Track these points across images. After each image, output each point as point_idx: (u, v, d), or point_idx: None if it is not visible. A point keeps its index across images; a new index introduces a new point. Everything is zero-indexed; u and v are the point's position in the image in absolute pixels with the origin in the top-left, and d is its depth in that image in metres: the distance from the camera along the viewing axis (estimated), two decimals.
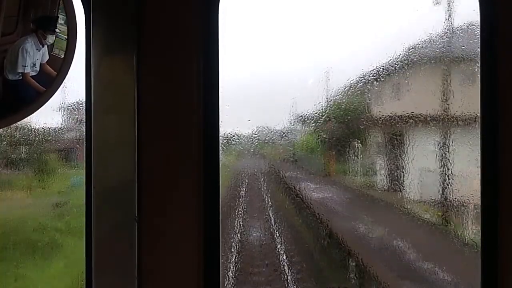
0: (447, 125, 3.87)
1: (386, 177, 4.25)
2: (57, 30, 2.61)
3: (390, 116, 4.11)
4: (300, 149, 4.42)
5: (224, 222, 4.03)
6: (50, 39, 2.62)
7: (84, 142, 2.70)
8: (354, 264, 4.30)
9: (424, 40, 3.80)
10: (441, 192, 3.91)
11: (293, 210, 4.57)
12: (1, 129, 3.38)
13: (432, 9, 3.84)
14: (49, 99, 2.65)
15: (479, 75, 2.84)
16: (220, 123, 2.78)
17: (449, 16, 3.74)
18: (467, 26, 3.50)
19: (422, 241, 4.46)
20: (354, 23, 3.74)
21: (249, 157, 3.96)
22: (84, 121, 2.71)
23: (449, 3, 3.76)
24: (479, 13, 2.83)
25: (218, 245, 2.76)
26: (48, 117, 3.43)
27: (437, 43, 3.78)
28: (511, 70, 2.72)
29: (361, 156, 4.32)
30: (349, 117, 4.15)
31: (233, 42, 3.14)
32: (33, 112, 2.64)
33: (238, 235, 4.41)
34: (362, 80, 3.89)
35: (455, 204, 3.85)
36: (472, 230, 3.68)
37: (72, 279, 3.81)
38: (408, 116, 3.94)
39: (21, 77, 2.60)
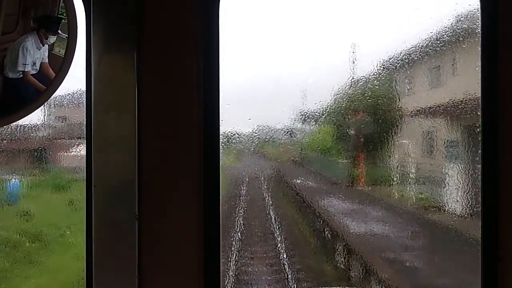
0: None
1: (466, 194, 2.88)
2: (58, 30, 2.61)
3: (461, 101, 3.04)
4: (312, 150, 3.77)
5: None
6: (52, 39, 2.62)
7: (85, 141, 2.70)
8: None
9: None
10: None
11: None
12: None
13: None
14: (49, 97, 2.65)
15: None
16: (220, 122, 2.79)
17: None
18: None
19: None
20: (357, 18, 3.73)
21: (249, 156, 3.94)
22: (84, 119, 2.71)
23: None
24: (480, 13, 2.83)
25: (218, 245, 2.77)
26: None
27: None
28: (511, 70, 2.72)
29: (409, 159, 3.26)
30: (385, 108, 3.44)
31: (233, 42, 3.14)
32: (33, 111, 2.64)
33: (238, 234, 3.94)
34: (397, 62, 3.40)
35: None
36: None
37: None
38: None
39: (21, 76, 2.60)
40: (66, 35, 2.63)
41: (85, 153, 2.67)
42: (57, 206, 4.05)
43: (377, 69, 3.74)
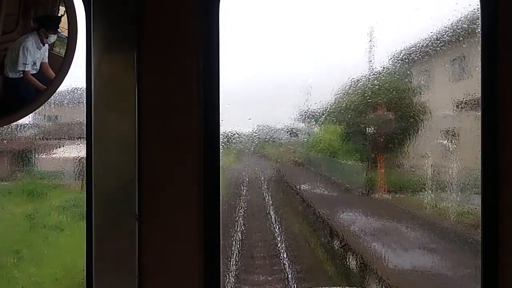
0: None
1: None
2: (58, 29, 2.62)
3: None
4: (317, 151, 3.34)
5: None
6: (52, 38, 2.62)
7: (85, 141, 2.71)
8: None
9: None
10: None
11: None
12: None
13: None
14: (49, 97, 2.65)
15: None
16: (220, 121, 2.79)
17: None
18: None
19: None
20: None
21: (249, 156, 3.91)
22: (85, 119, 2.71)
23: None
24: (480, 13, 2.83)
25: (218, 244, 2.77)
26: None
27: None
28: (511, 70, 2.72)
29: (443, 163, 2.71)
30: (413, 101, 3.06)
31: (233, 42, 3.14)
32: (33, 111, 2.65)
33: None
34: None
35: None
36: None
37: None
38: None
39: (21, 75, 2.60)
40: (66, 35, 2.63)
41: (68, 155, 2.66)
42: (15, 221, 3.38)
43: (384, 66, 3.72)
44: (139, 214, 2.65)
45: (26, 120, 3.44)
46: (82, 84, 2.70)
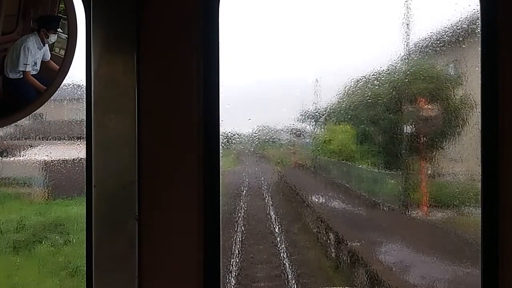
0: None
1: None
2: (59, 29, 2.62)
3: None
4: (330, 154, 2.78)
5: None
6: (52, 38, 2.62)
7: (85, 141, 2.71)
8: None
9: None
10: None
11: None
12: None
13: None
14: (49, 98, 2.66)
15: None
16: (220, 122, 2.79)
17: None
18: None
19: None
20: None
21: (249, 156, 3.90)
22: (85, 119, 2.71)
23: None
24: (479, 13, 2.83)
25: (218, 244, 2.77)
26: None
27: None
28: (511, 70, 2.73)
29: None
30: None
31: (233, 42, 3.14)
32: (33, 111, 2.65)
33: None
34: None
35: None
36: None
37: None
38: None
39: (22, 76, 2.61)
40: (66, 35, 2.63)
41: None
42: None
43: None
44: (139, 214, 2.65)
45: None
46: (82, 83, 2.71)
